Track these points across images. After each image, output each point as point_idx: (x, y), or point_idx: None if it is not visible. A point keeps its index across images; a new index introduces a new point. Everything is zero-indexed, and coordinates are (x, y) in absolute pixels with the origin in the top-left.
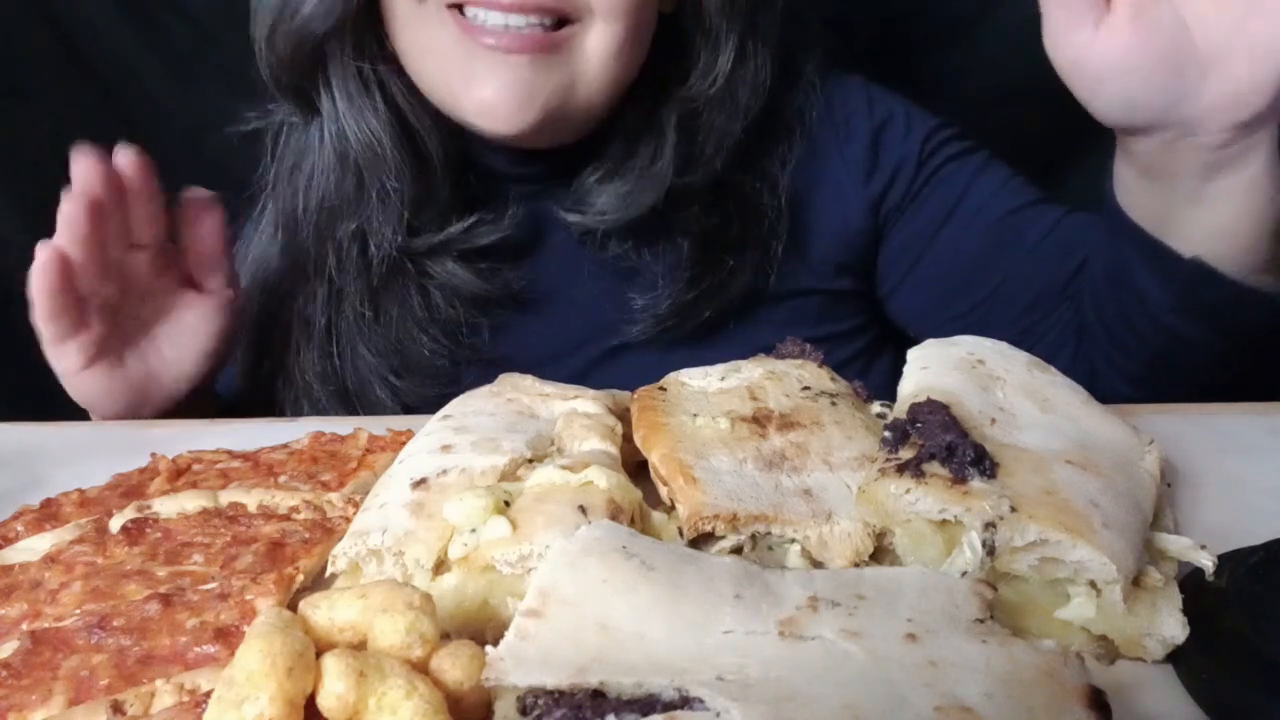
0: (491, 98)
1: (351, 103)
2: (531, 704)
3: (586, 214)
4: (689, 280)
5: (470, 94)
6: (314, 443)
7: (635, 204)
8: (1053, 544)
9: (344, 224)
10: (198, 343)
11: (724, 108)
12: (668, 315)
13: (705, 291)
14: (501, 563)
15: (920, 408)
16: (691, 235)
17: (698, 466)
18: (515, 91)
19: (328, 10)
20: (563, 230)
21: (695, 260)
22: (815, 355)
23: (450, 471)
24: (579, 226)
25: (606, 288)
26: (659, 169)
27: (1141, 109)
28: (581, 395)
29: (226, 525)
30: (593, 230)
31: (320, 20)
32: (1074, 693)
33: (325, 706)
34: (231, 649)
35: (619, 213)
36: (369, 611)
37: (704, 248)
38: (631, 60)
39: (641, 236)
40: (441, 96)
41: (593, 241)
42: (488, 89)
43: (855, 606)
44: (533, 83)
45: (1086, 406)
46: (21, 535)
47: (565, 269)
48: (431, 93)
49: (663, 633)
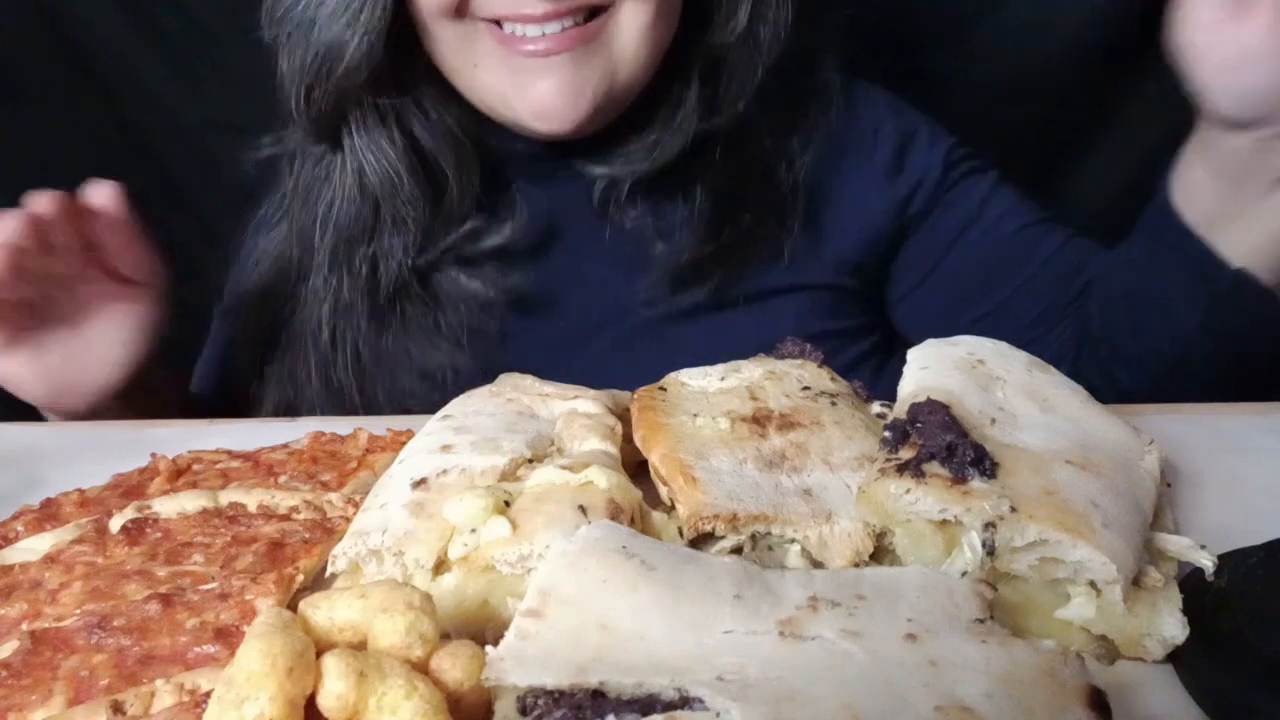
0: (543, 100)
1: (371, 137)
2: (531, 704)
3: (615, 165)
4: (707, 232)
5: (524, 100)
6: (314, 443)
7: (664, 152)
8: (1053, 544)
9: (360, 249)
10: (123, 333)
11: (745, 52)
12: (687, 266)
13: (723, 246)
14: (501, 563)
15: (920, 408)
16: (709, 187)
17: (698, 466)
18: (563, 90)
19: (362, 63)
20: (580, 207)
21: (713, 213)
22: (815, 355)
23: (450, 471)
24: (605, 181)
25: (625, 259)
26: (684, 116)
27: (1259, 103)
28: (581, 395)
29: (226, 525)
30: (617, 187)
31: (357, 73)
32: (1074, 693)
33: (325, 706)
34: (231, 649)
35: (647, 162)
36: (369, 611)
37: (721, 200)
38: (666, 31)
39: (661, 195)
40: (494, 104)
41: (615, 205)
42: (538, 92)
43: (855, 606)
44: (577, 77)
45: (1086, 406)
46: (21, 535)
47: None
48: (484, 103)
49: (663, 633)
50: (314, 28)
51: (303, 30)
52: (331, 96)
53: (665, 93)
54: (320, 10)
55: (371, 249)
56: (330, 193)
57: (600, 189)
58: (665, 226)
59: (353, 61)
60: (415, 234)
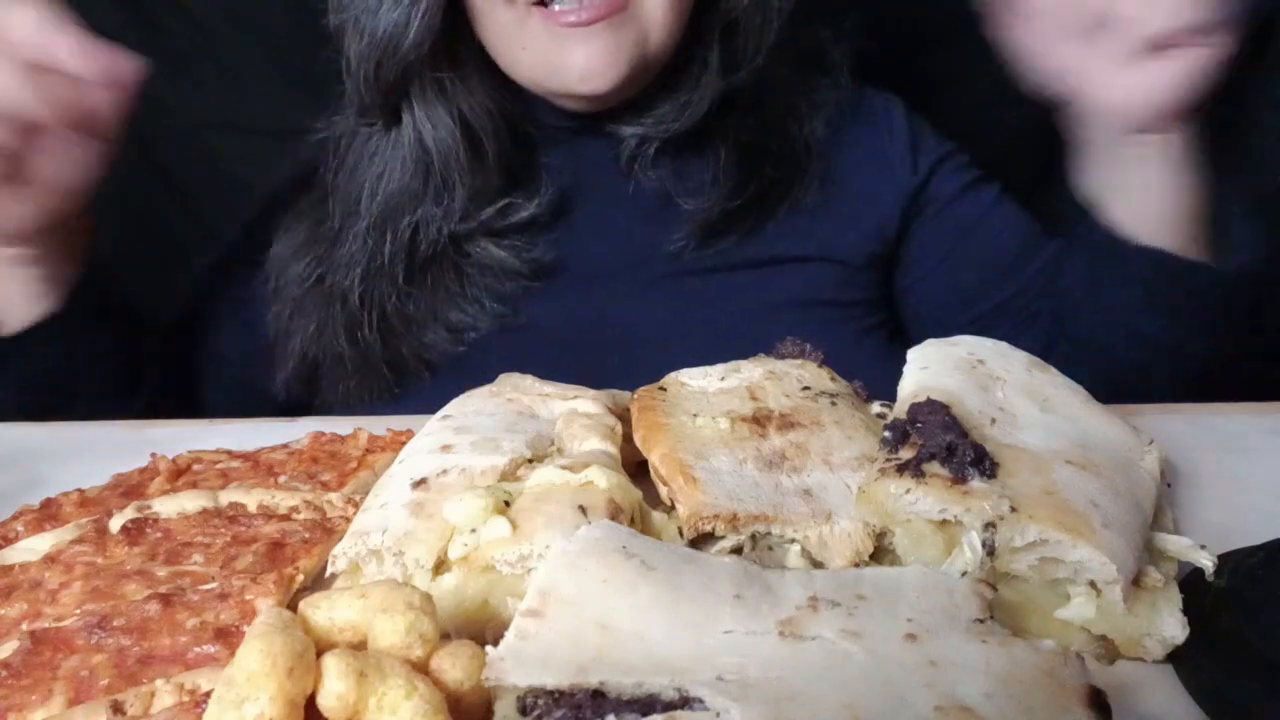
0: (585, 63)
1: (430, 109)
2: (531, 704)
3: (646, 125)
4: (734, 187)
5: (568, 66)
6: (314, 443)
7: (695, 111)
8: (1053, 544)
9: (405, 217)
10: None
11: (759, 10)
12: (718, 220)
13: (751, 199)
14: (501, 563)
15: (920, 408)
16: (734, 143)
17: (698, 466)
18: (603, 54)
19: (425, 37)
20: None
21: (739, 167)
22: (815, 355)
23: (450, 471)
24: (635, 139)
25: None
26: (709, 77)
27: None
28: (581, 395)
29: (226, 525)
30: (646, 145)
31: (420, 47)
32: (1074, 693)
33: (325, 706)
34: (231, 649)
35: (680, 120)
36: (369, 611)
37: (745, 155)
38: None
39: (685, 154)
40: (540, 78)
41: (641, 165)
42: (580, 58)
43: (855, 606)
44: (612, 41)
45: (1086, 406)
46: (21, 535)
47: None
48: (530, 79)
49: (663, 633)
50: (381, 7)
51: (370, 12)
52: (398, 69)
53: (688, 57)
54: None
55: (415, 217)
56: (381, 164)
57: (630, 148)
58: (691, 185)
59: (417, 37)
60: (457, 203)
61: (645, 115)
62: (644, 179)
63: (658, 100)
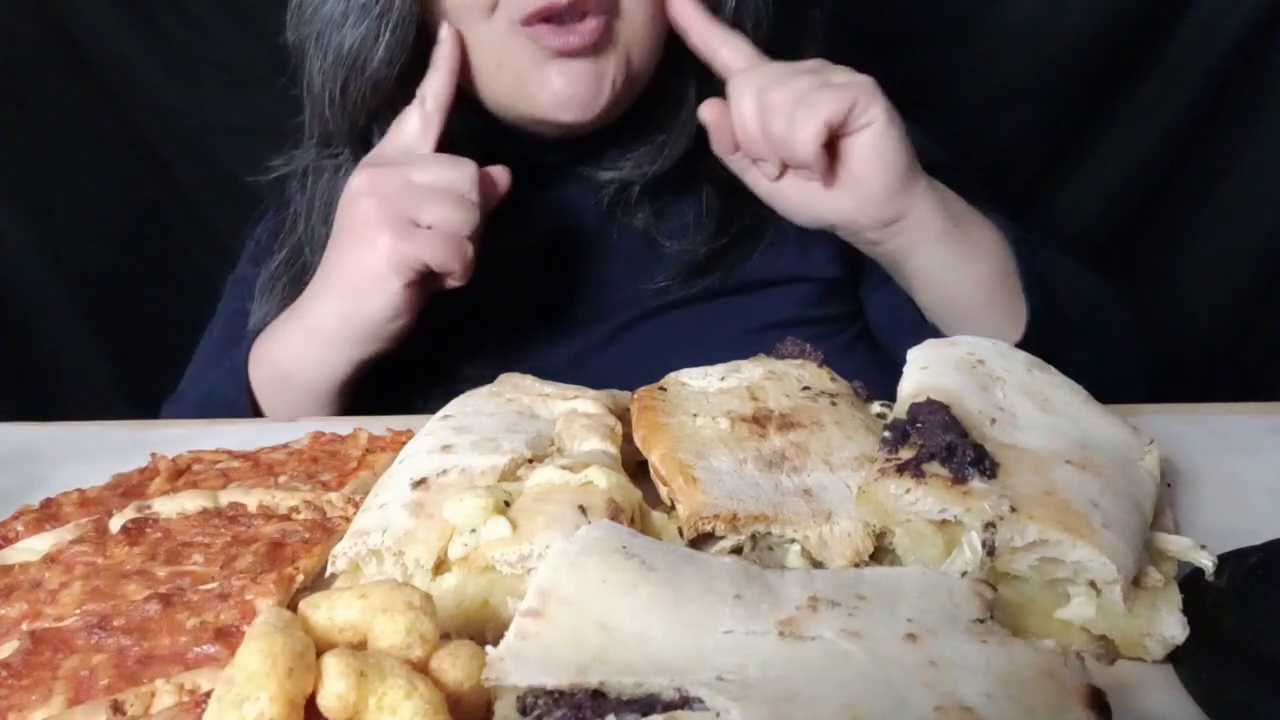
0: (567, 91)
1: None
2: (531, 704)
3: (625, 169)
4: (718, 226)
5: (547, 92)
6: (314, 443)
7: (673, 151)
8: (1053, 544)
9: None
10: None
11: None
12: (704, 260)
13: (735, 237)
14: (501, 563)
15: (920, 408)
16: (716, 181)
17: (698, 466)
18: (585, 82)
19: (393, 53)
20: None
21: (722, 206)
22: (815, 355)
23: (450, 471)
24: (615, 184)
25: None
26: (687, 113)
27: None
28: (581, 395)
29: (226, 525)
30: (627, 190)
31: (388, 63)
32: (1074, 693)
33: (325, 706)
34: (231, 649)
35: (658, 162)
36: (369, 611)
37: (728, 193)
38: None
39: (667, 196)
40: (514, 103)
41: (622, 210)
42: (558, 84)
43: (855, 606)
44: (595, 69)
45: (1086, 406)
46: (21, 535)
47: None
48: (503, 101)
49: (662, 633)
50: (345, 22)
51: (335, 26)
52: (366, 89)
53: (664, 93)
54: (353, 3)
55: None
56: None
57: (610, 193)
58: (674, 226)
59: (386, 53)
60: None
61: (622, 158)
62: (626, 221)
63: (635, 140)
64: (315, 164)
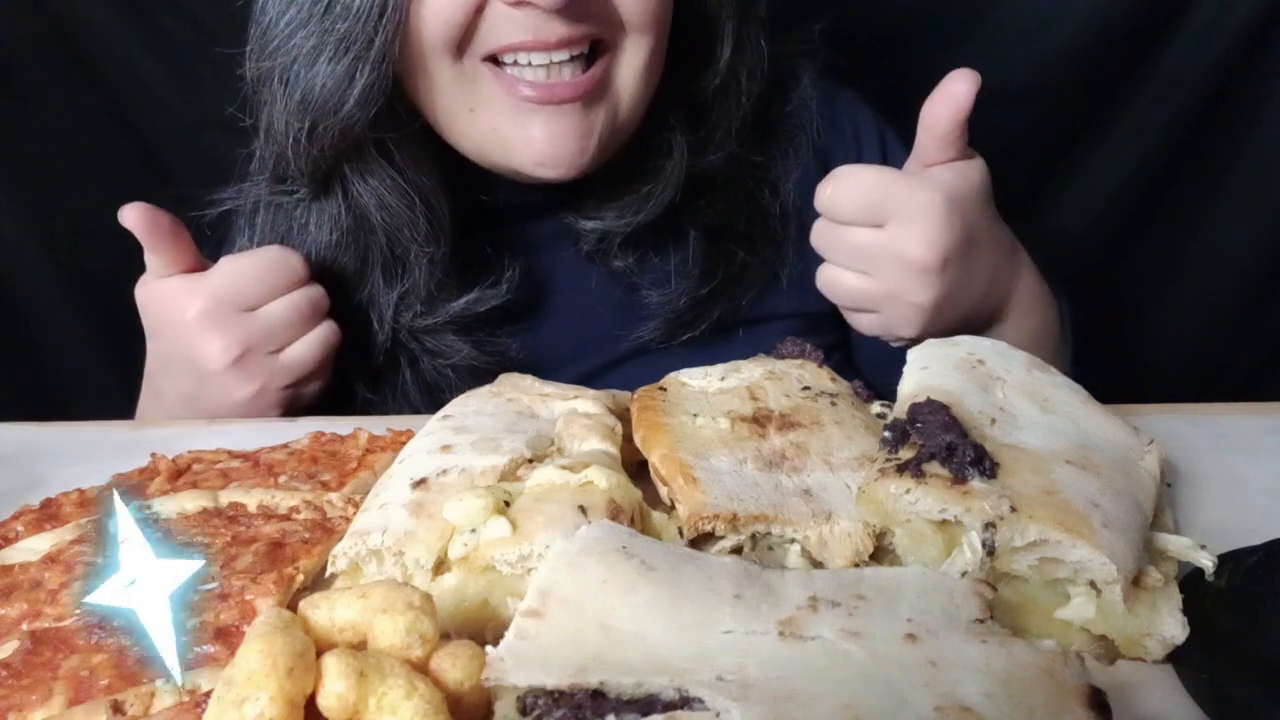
0: (548, 147)
1: (372, 177)
2: (531, 704)
3: (607, 219)
4: (702, 274)
5: (527, 145)
6: (314, 443)
7: (658, 201)
8: (1053, 544)
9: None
10: None
11: (728, 94)
12: (685, 310)
13: (720, 285)
14: (501, 563)
15: (920, 408)
16: (701, 227)
17: (698, 466)
18: (570, 138)
19: (370, 97)
20: (568, 259)
21: (707, 254)
22: (815, 355)
23: (450, 471)
24: (596, 234)
25: (615, 306)
26: (674, 165)
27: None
28: (581, 395)
29: (226, 525)
30: (608, 239)
31: (363, 107)
32: (1074, 693)
33: (325, 706)
34: (231, 649)
35: (642, 212)
36: (369, 611)
37: (714, 240)
38: (658, 70)
39: (650, 241)
40: (489, 151)
41: (602, 256)
42: (539, 137)
43: (855, 606)
44: (582, 124)
45: (1086, 406)
46: (21, 535)
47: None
48: (477, 149)
49: (662, 633)
50: (318, 58)
51: (305, 62)
52: (335, 133)
53: (650, 142)
54: (327, 39)
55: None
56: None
57: (592, 242)
58: (658, 275)
59: (362, 96)
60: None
61: (605, 207)
62: (610, 270)
63: (618, 189)
64: (267, 200)
